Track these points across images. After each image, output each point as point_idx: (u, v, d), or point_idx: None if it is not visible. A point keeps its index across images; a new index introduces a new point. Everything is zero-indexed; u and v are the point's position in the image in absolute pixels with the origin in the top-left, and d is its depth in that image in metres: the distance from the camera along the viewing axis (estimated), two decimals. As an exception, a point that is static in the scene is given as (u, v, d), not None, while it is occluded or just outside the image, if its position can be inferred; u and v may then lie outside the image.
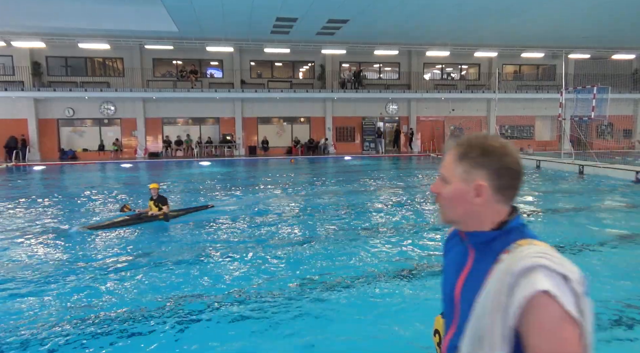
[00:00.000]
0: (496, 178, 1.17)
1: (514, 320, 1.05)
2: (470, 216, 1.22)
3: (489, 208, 1.19)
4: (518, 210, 1.22)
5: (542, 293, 1.02)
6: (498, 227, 1.19)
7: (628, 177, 14.18)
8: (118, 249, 6.98)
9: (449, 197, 1.23)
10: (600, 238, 7.39)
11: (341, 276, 5.59)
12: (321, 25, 20.87)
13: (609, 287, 5.25)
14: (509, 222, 1.19)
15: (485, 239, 1.19)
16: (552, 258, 1.07)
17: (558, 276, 1.04)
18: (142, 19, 19.47)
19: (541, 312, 1.02)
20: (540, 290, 1.02)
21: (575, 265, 1.10)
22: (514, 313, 1.05)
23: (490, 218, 1.20)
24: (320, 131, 27.49)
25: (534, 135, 30.12)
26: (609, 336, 4.06)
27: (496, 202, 1.19)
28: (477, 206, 1.19)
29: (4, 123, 23.45)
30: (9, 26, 20.79)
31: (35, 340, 3.99)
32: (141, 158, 24.93)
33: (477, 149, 1.19)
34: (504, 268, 1.10)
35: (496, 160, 1.17)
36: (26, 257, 6.61)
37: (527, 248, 1.11)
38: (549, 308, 1.02)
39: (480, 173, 1.17)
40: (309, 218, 9.20)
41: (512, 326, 1.06)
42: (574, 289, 1.04)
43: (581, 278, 1.08)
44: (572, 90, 19.43)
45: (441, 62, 28.92)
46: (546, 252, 1.09)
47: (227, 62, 26.18)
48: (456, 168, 1.21)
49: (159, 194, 8.72)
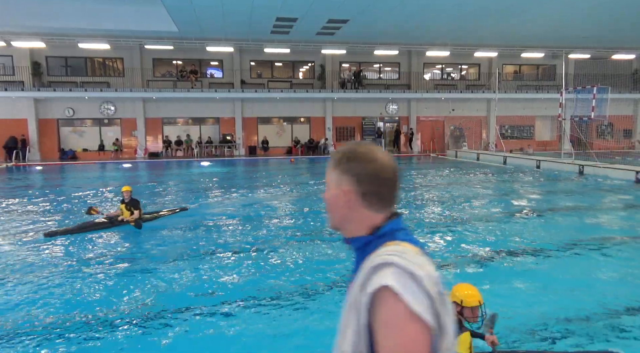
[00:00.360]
0: (359, 185, 1.19)
1: (365, 316, 1.05)
2: (346, 221, 1.24)
3: (358, 213, 1.21)
4: (397, 216, 1.22)
5: (385, 289, 1.02)
6: (372, 232, 1.20)
7: (628, 177, 14.18)
8: (86, 254, 6.71)
9: (328, 203, 1.26)
10: (600, 238, 7.39)
11: (340, 276, 5.59)
12: (321, 25, 20.86)
13: (609, 286, 5.25)
14: (382, 227, 1.19)
15: (361, 244, 1.21)
16: (404, 257, 1.06)
17: (406, 274, 1.03)
18: (142, 19, 19.47)
19: (385, 309, 1.02)
20: (383, 286, 1.02)
21: (432, 266, 1.10)
22: (364, 309, 1.05)
23: (363, 223, 1.21)
24: (320, 131, 27.48)
25: (534, 135, 30.10)
26: (609, 336, 4.06)
27: (364, 207, 1.20)
28: (348, 211, 1.21)
29: (4, 123, 23.45)
30: (9, 26, 20.79)
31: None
32: (141, 158, 24.92)
33: (346, 156, 1.22)
34: (363, 267, 1.12)
35: (359, 167, 1.19)
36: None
37: (388, 248, 1.11)
38: (392, 306, 1.01)
39: (346, 179, 1.20)
40: (307, 218, 9.19)
41: (365, 323, 1.05)
42: (425, 289, 1.02)
43: (435, 279, 1.07)
44: (572, 90, 19.43)
45: (441, 62, 28.91)
46: (401, 252, 1.09)
47: (227, 62, 26.18)
48: (331, 175, 1.24)
49: (131, 197, 8.29)
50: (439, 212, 9.65)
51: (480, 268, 5.95)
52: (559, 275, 5.66)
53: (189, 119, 26.56)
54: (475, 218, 8.95)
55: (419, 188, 13.38)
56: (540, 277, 5.58)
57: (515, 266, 6.05)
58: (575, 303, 4.72)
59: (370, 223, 1.20)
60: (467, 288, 3.09)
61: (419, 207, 10.24)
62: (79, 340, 4.06)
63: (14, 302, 4.90)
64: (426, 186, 13.86)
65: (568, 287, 5.22)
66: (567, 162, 17.48)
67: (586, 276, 5.61)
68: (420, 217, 9.23)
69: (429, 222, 8.74)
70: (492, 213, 9.59)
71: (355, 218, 1.22)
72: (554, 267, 5.98)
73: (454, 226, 8.33)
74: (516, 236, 7.53)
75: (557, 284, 5.32)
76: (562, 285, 5.28)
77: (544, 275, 5.63)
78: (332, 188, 1.24)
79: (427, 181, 15.09)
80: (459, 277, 5.59)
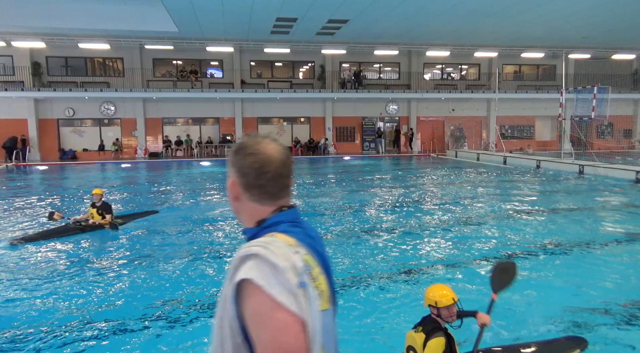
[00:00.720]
0: (241, 176, 1.20)
1: (233, 308, 1.05)
2: (237, 213, 1.27)
3: (245, 205, 1.23)
4: (286, 208, 1.22)
5: (247, 281, 1.02)
6: (258, 225, 1.21)
7: (628, 177, 14.19)
8: (52, 263, 6.28)
9: (228, 194, 1.27)
10: (600, 238, 7.39)
11: (340, 276, 5.59)
12: (321, 25, 20.86)
13: (609, 287, 5.25)
14: (267, 219, 1.20)
15: (250, 235, 1.21)
16: (268, 248, 1.06)
17: (268, 265, 1.02)
18: (142, 19, 19.47)
19: (250, 301, 1.02)
20: (244, 279, 1.02)
21: (301, 257, 1.08)
22: (231, 301, 1.05)
23: (250, 215, 1.23)
24: (320, 131, 27.47)
25: (534, 135, 30.09)
26: (610, 336, 4.06)
27: (249, 199, 1.21)
28: (238, 203, 1.24)
29: (4, 123, 23.43)
30: (9, 26, 20.78)
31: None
32: (141, 158, 24.91)
33: (233, 148, 1.24)
34: (233, 259, 1.11)
35: (242, 160, 1.20)
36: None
37: (258, 240, 1.12)
38: (256, 298, 1.01)
39: (233, 171, 1.23)
40: (307, 218, 9.20)
41: (234, 314, 1.05)
42: (287, 279, 1.01)
43: (300, 270, 1.05)
44: (572, 90, 19.44)
45: (441, 62, 28.90)
46: (267, 242, 1.08)
47: (227, 62, 26.17)
48: (228, 167, 1.26)
49: (103, 201, 7.93)
50: (439, 212, 9.65)
51: (480, 268, 5.95)
52: (559, 275, 5.66)
53: (189, 119, 26.55)
54: (475, 218, 8.95)
55: (419, 189, 13.38)
56: (541, 277, 5.58)
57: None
58: (576, 303, 4.71)
59: (257, 215, 1.21)
60: (439, 289, 3.03)
61: (419, 207, 10.24)
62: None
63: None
64: (426, 186, 13.86)
65: (568, 287, 5.22)
66: (567, 162, 17.48)
67: (586, 276, 5.61)
68: (420, 217, 9.23)
69: (429, 222, 8.73)
70: (492, 213, 9.59)
71: (243, 210, 1.24)
72: (554, 267, 5.98)
73: (453, 226, 8.33)
74: (516, 236, 7.53)
75: (558, 284, 5.32)
76: (562, 285, 5.27)
77: (544, 275, 5.63)
78: (228, 180, 1.26)
79: (427, 181, 15.09)
80: (460, 277, 5.60)
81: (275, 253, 1.05)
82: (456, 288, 5.15)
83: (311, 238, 1.21)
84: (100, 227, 7.79)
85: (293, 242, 1.12)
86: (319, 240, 1.27)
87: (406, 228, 8.25)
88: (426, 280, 5.42)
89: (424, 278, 5.53)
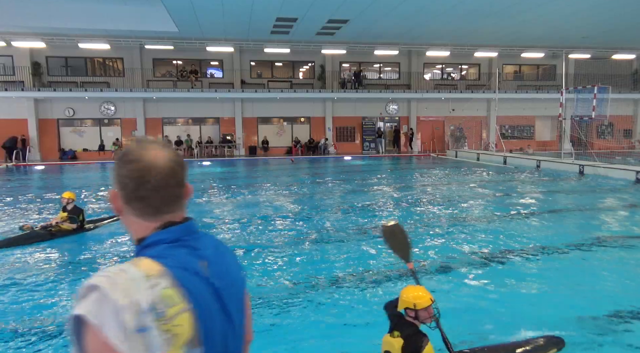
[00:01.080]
0: (122, 188, 1.04)
1: (74, 340, 0.91)
2: (126, 227, 1.11)
3: (128, 220, 1.08)
4: (172, 224, 1.07)
5: (79, 317, 0.89)
6: (139, 243, 1.07)
7: (628, 177, 14.18)
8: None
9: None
10: (600, 238, 7.38)
11: (339, 276, 5.59)
12: (321, 25, 20.86)
13: (609, 286, 5.25)
14: (146, 238, 1.06)
15: (135, 254, 1.06)
16: (112, 280, 0.91)
17: (107, 301, 0.88)
18: (142, 19, 19.47)
19: (85, 339, 0.89)
20: (76, 314, 0.89)
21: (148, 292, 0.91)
22: (71, 333, 0.92)
23: (134, 231, 1.08)
24: (320, 131, 27.48)
25: (534, 135, 30.10)
26: (610, 336, 4.06)
27: (131, 214, 1.06)
28: (122, 217, 1.09)
29: (4, 123, 23.44)
30: (9, 26, 20.78)
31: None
32: (141, 158, 24.88)
33: (117, 154, 1.08)
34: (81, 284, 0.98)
35: (122, 168, 1.04)
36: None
37: (117, 266, 0.97)
38: (89, 337, 0.88)
39: (114, 181, 1.07)
40: (307, 218, 9.19)
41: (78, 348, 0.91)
42: (123, 321, 0.87)
43: (143, 310, 0.90)
44: (572, 90, 19.43)
45: (441, 62, 28.91)
46: (114, 273, 0.93)
47: (227, 62, 26.18)
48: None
49: (75, 205, 7.61)
50: (439, 212, 9.65)
51: (480, 268, 5.95)
52: (560, 275, 5.66)
53: (189, 119, 26.56)
54: (475, 218, 8.95)
55: (419, 189, 13.38)
56: (540, 277, 5.58)
57: (515, 266, 6.05)
58: (575, 303, 4.71)
59: (140, 232, 1.07)
60: (414, 291, 3.02)
61: (419, 207, 10.24)
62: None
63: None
64: (426, 186, 13.86)
65: (568, 286, 5.22)
66: (567, 162, 17.47)
67: (586, 276, 5.60)
68: (420, 217, 9.23)
69: (429, 222, 8.73)
70: (492, 213, 9.58)
71: (128, 225, 1.09)
72: (554, 267, 5.98)
73: (453, 226, 8.32)
74: (516, 236, 7.52)
75: (558, 284, 5.32)
76: (562, 285, 5.27)
77: (544, 275, 5.63)
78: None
79: (427, 181, 15.08)
80: (459, 277, 5.59)
81: (118, 287, 0.90)
82: (455, 288, 5.16)
83: (196, 263, 1.04)
84: (73, 232, 7.49)
85: (156, 272, 0.95)
86: (220, 260, 1.11)
87: (405, 228, 8.24)
88: (426, 280, 5.42)
89: (423, 279, 5.52)
